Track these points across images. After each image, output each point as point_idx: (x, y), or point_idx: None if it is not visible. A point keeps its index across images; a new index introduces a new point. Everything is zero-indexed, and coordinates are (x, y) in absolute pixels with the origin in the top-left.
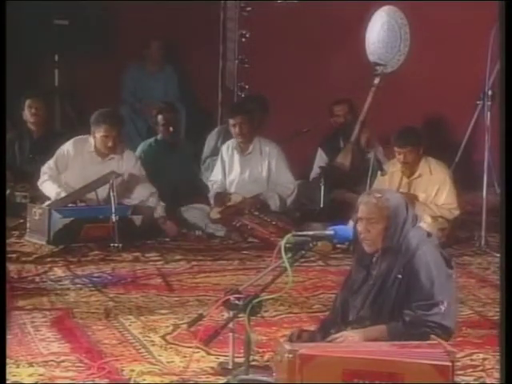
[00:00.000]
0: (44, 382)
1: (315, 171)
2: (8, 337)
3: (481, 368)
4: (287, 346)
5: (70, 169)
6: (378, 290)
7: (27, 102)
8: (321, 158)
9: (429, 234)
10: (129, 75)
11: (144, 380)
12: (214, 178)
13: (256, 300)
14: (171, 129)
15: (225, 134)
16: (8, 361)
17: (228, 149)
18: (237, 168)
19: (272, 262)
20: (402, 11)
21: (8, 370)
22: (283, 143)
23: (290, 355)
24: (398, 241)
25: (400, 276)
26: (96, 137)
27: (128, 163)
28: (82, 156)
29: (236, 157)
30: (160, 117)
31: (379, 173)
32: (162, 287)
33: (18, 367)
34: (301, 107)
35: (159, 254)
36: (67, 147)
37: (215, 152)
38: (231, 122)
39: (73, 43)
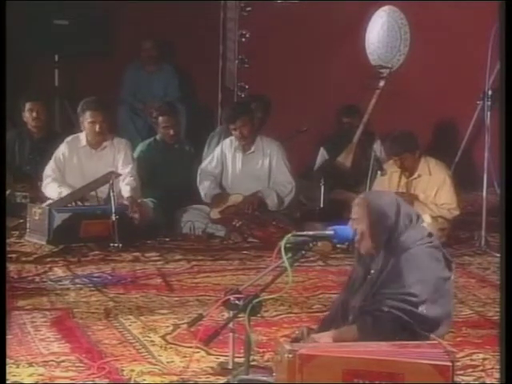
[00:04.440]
0: (44, 382)
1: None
2: (8, 337)
3: (481, 368)
4: (287, 346)
5: (68, 171)
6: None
7: (28, 105)
8: (323, 158)
9: (430, 235)
10: (128, 75)
11: (144, 380)
12: (209, 167)
13: (256, 300)
14: (172, 131)
15: (225, 135)
16: (8, 361)
17: (231, 145)
18: (239, 166)
19: (272, 262)
20: (402, 11)
21: (8, 369)
22: (283, 142)
23: (290, 355)
24: (388, 240)
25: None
26: (85, 126)
27: (120, 148)
28: (76, 153)
29: (238, 156)
30: (161, 119)
31: (379, 173)
32: (162, 287)
33: (17, 367)
34: (301, 107)
35: (159, 254)
36: (61, 150)
37: None
38: (231, 127)
39: (73, 43)
